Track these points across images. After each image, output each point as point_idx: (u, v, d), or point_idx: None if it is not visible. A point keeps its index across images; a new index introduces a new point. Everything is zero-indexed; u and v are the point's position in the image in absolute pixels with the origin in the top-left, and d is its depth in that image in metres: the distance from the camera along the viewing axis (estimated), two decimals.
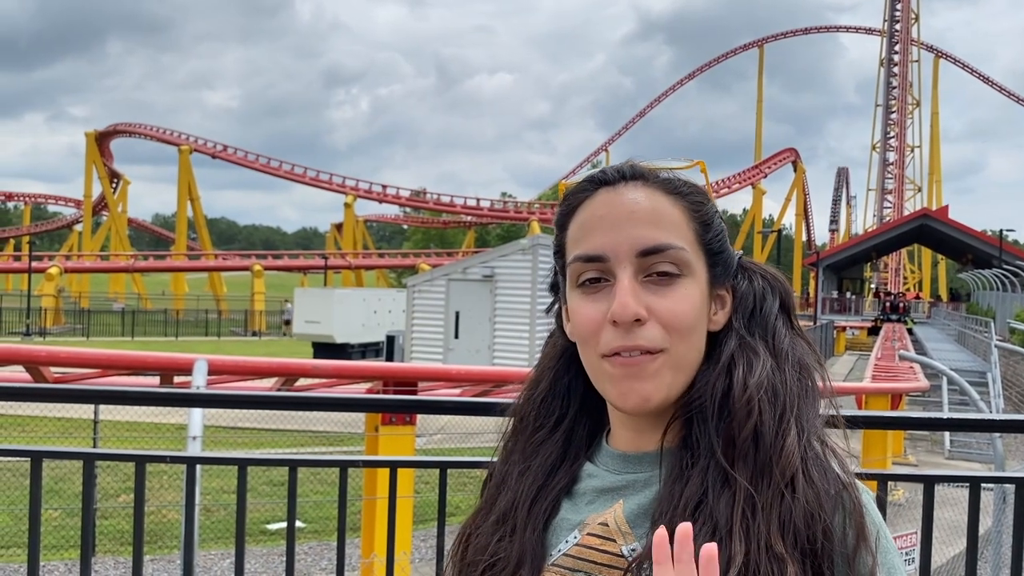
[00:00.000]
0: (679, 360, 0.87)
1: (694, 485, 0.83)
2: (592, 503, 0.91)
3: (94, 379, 5.87)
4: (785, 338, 0.91)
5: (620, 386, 0.86)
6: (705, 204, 0.92)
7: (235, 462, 1.89)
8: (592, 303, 0.87)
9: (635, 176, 0.91)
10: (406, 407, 3.59)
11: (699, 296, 0.88)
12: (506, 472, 0.98)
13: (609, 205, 0.89)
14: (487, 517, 0.96)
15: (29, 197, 77.66)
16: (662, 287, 0.86)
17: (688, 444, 0.86)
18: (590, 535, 0.88)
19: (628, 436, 0.93)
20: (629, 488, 0.90)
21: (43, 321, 37.39)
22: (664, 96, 78.71)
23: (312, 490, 8.84)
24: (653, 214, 0.88)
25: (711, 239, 0.91)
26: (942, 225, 50.06)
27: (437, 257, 49.72)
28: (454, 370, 6.70)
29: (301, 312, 27.62)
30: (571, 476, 0.95)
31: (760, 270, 0.97)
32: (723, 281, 0.93)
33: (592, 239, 0.88)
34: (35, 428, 11.02)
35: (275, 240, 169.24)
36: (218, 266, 52.44)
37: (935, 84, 74.54)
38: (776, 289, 0.95)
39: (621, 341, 0.85)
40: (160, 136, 56.19)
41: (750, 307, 0.93)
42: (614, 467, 0.92)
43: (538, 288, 20.78)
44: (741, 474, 0.82)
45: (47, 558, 7.22)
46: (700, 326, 0.89)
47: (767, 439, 0.83)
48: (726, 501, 0.81)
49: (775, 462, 0.82)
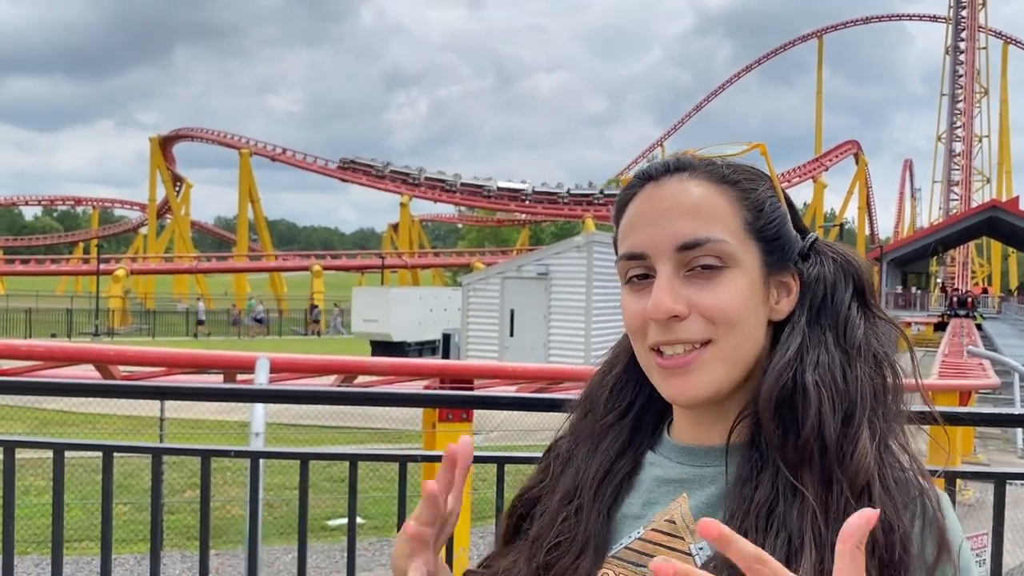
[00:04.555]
0: (730, 352, 0.84)
1: (764, 490, 0.80)
2: (653, 492, 0.90)
3: (160, 377, 6.03)
4: (859, 328, 0.85)
5: (669, 383, 0.85)
6: (757, 189, 0.88)
7: (297, 456, 1.93)
8: (638, 299, 0.87)
9: (679, 167, 0.88)
10: (463, 402, 3.61)
11: (747, 286, 0.85)
12: (573, 451, 0.97)
13: (651, 200, 0.88)
14: (552, 495, 0.96)
15: (97, 202, 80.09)
16: (705, 280, 0.84)
17: (756, 444, 0.83)
18: (655, 530, 0.86)
19: (689, 427, 0.91)
20: (693, 482, 0.87)
21: (111, 322, 38.58)
22: (721, 89, 77.63)
23: (372, 486, 8.94)
24: (693, 207, 0.85)
25: (763, 226, 0.87)
26: (1013, 217, 48.42)
27: (492, 255, 49.87)
28: (509, 367, 6.72)
29: (359, 311, 27.98)
30: (634, 463, 0.93)
31: (833, 252, 0.91)
32: (784, 267, 0.88)
33: (634, 236, 0.88)
34: (105, 425, 11.36)
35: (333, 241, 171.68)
36: (278, 266, 53.42)
37: (1004, 71, 72.13)
38: (849, 272, 0.89)
39: (662, 336, 0.84)
40: (221, 140, 57.46)
41: (820, 295, 0.87)
42: (677, 458, 0.90)
43: (593, 285, 20.69)
44: (807, 481, 0.78)
45: (117, 551, 7.43)
46: (751, 317, 0.85)
47: (832, 444, 0.79)
48: (798, 510, 0.77)
49: (845, 470, 0.78)
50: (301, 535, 1.94)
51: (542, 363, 18.55)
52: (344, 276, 60.11)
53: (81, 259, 57.80)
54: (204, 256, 57.64)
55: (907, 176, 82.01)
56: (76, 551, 7.35)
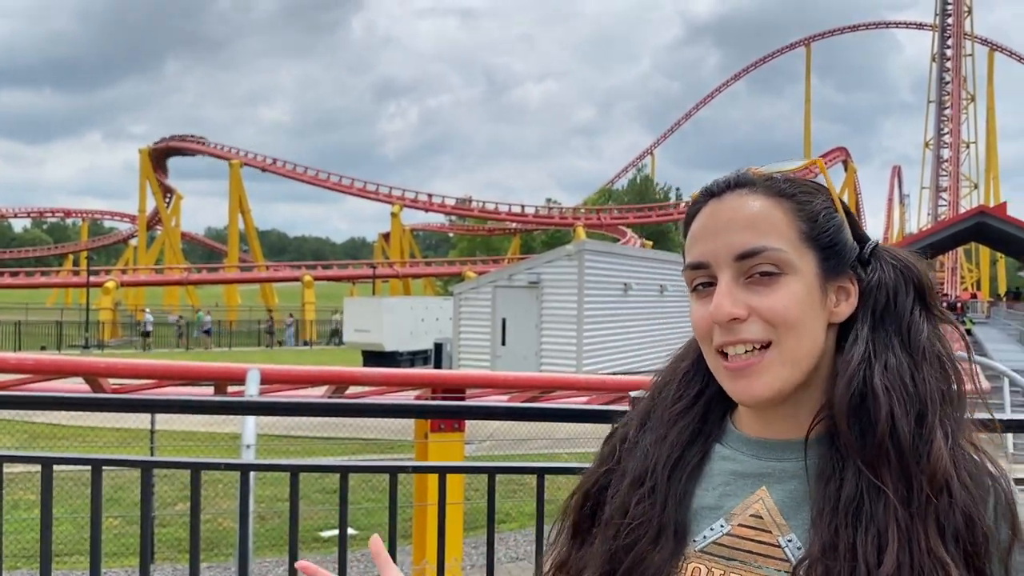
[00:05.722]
0: (791, 353, 0.89)
1: (849, 487, 0.84)
2: (729, 485, 0.94)
3: (151, 390, 6.00)
4: (923, 333, 0.90)
5: (735, 384, 0.91)
6: (812, 201, 0.94)
7: (287, 468, 1.92)
8: (703, 306, 0.93)
9: (739, 184, 0.95)
10: (454, 413, 3.60)
11: (803, 291, 0.90)
12: (640, 438, 1.02)
13: (712, 215, 0.94)
14: (621, 479, 0.99)
15: (86, 213, 79.69)
16: (763, 286, 0.89)
17: (834, 441, 0.88)
18: (743, 526, 0.90)
19: (759, 421, 0.95)
20: (771, 476, 0.92)
21: (101, 334, 38.35)
22: (711, 98, 78.01)
23: (364, 497, 8.91)
24: (751, 219, 0.91)
25: (819, 234, 0.92)
26: (1000, 222, 48.63)
27: (483, 264, 49.84)
28: (501, 377, 6.71)
29: (351, 321, 27.92)
30: (703, 452, 0.98)
31: (893, 258, 0.96)
32: (841, 272, 0.93)
33: (697, 248, 0.94)
34: (95, 438, 11.29)
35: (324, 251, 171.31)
36: (269, 277, 53.23)
37: (990, 78, 72.71)
38: (910, 277, 0.94)
39: (725, 337, 0.90)
40: (211, 151, 57.33)
41: (883, 300, 0.92)
42: (751, 452, 0.95)
43: (584, 293, 20.70)
44: (887, 480, 0.83)
45: (107, 565, 7.38)
46: (809, 320, 0.90)
47: (907, 444, 0.84)
48: (883, 506, 0.82)
49: (923, 468, 0.83)
50: (292, 548, 1.93)
51: (534, 372, 18.54)
52: (335, 286, 60.00)
53: (71, 271, 57.43)
54: (195, 267, 57.35)
55: (895, 182, 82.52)
56: (67, 565, 7.30)
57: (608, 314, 21.71)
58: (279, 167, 55.69)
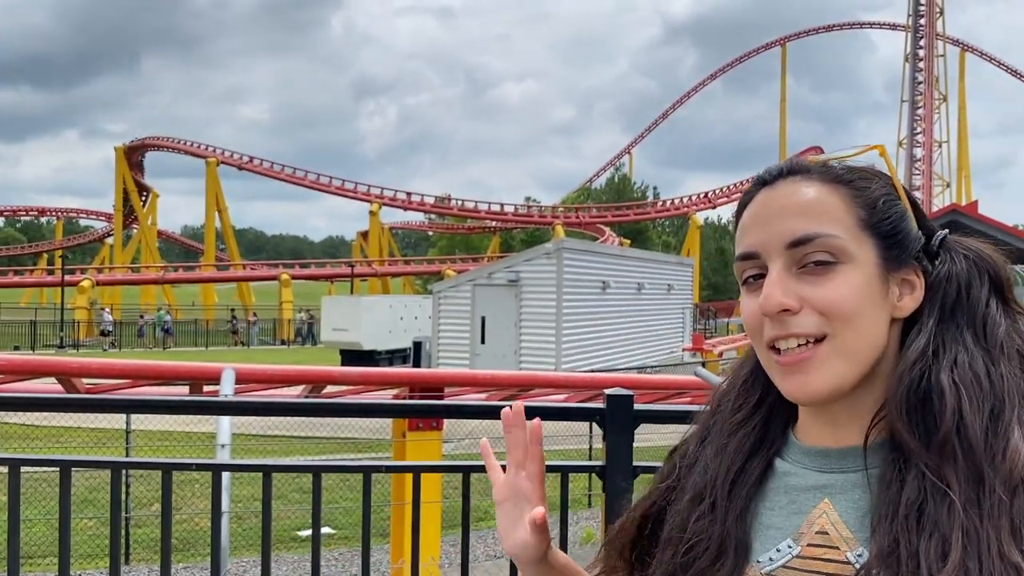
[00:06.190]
0: (848, 347, 0.83)
1: (911, 491, 0.78)
2: (794, 502, 0.88)
3: (125, 390, 5.95)
4: (1000, 326, 0.84)
5: (788, 380, 0.86)
6: (871, 187, 0.88)
7: (260, 468, 1.91)
8: (753, 299, 0.88)
9: (793, 171, 0.90)
10: (431, 412, 3.60)
11: (862, 282, 0.84)
12: (700, 452, 0.98)
13: (764, 203, 0.89)
14: (682, 495, 0.96)
15: (61, 212, 78.80)
16: (818, 276, 0.84)
17: (895, 444, 0.82)
18: (811, 545, 0.84)
19: (819, 428, 0.89)
20: (834, 487, 0.86)
21: (76, 334, 37.92)
22: (687, 97, 78.25)
23: (342, 496, 8.89)
24: (804, 205, 0.86)
25: (878, 222, 0.87)
26: (972, 221, 48.96)
27: (462, 263, 49.78)
28: (480, 375, 6.71)
29: (329, 320, 27.79)
30: (765, 465, 0.93)
31: (966, 249, 0.90)
32: (904, 264, 0.88)
33: (747, 238, 0.89)
34: (69, 439, 11.19)
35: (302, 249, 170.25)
36: (246, 276, 52.88)
37: (961, 78, 73.52)
38: (984, 269, 0.88)
39: (776, 331, 0.85)
40: (187, 149, 56.81)
41: (953, 293, 0.86)
42: (812, 464, 0.89)
43: (563, 291, 20.74)
44: (952, 480, 0.77)
45: (83, 567, 7.32)
46: (868, 312, 0.84)
47: (978, 442, 0.77)
48: (947, 508, 0.76)
49: (997, 467, 0.76)
50: (265, 548, 1.92)
51: (513, 370, 18.55)
52: (313, 285, 59.67)
53: (45, 270, 56.78)
54: (171, 266, 56.85)
55: None
56: (40, 567, 7.23)
57: (587, 312, 21.77)
58: (256, 165, 55.28)
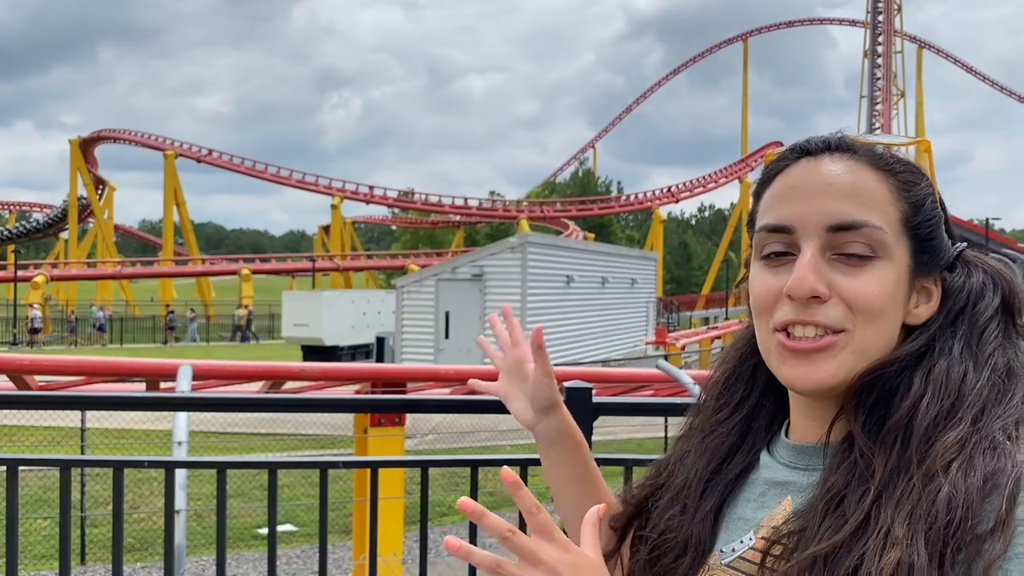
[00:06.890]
0: (864, 345, 0.80)
1: (838, 478, 0.77)
2: (764, 495, 0.87)
3: (80, 387, 5.82)
4: (992, 342, 0.80)
5: (792, 366, 0.81)
6: (919, 184, 0.84)
7: (214, 465, 1.87)
8: (772, 275, 0.83)
9: (841, 147, 0.84)
10: (392, 407, 3.57)
11: (893, 281, 0.80)
12: (685, 451, 0.97)
13: (805, 175, 0.83)
14: (664, 493, 0.97)
15: (14, 205, 76.99)
16: (853, 267, 0.80)
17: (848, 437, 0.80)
18: (764, 539, 0.83)
19: (802, 425, 0.87)
20: (795, 484, 0.84)
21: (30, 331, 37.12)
22: (651, 92, 78.76)
23: (304, 493, 8.82)
24: (852, 188, 0.81)
25: (919, 223, 0.83)
26: None
27: (426, 257, 49.61)
28: (443, 370, 6.68)
29: (290, 315, 27.52)
30: (747, 463, 0.91)
31: (984, 264, 0.86)
32: (930, 271, 0.84)
33: (781, 209, 0.83)
34: (21, 438, 10.96)
35: (263, 243, 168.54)
36: (205, 271, 52.17)
37: (919, 75, 74.93)
38: (998, 285, 0.84)
39: (797, 315, 0.80)
40: (145, 141, 55.86)
41: (960, 304, 0.83)
42: (785, 459, 0.87)
43: (528, 286, 20.76)
44: (879, 468, 0.74)
45: (36, 567, 7.19)
46: (891, 313, 0.81)
47: (919, 434, 0.75)
48: (861, 495, 0.74)
49: (923, 456, 0.73)
50: (220, 545, 1.88)
51: (477, 365, 18.53)
52: (274, 280, 59.18)
53: None
54: (128, 261, 55.88)
55: None
56: None
57: (551, 306, 21.81)
58: (215, 158, 54.52)
